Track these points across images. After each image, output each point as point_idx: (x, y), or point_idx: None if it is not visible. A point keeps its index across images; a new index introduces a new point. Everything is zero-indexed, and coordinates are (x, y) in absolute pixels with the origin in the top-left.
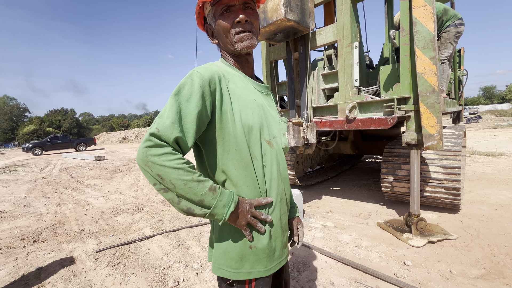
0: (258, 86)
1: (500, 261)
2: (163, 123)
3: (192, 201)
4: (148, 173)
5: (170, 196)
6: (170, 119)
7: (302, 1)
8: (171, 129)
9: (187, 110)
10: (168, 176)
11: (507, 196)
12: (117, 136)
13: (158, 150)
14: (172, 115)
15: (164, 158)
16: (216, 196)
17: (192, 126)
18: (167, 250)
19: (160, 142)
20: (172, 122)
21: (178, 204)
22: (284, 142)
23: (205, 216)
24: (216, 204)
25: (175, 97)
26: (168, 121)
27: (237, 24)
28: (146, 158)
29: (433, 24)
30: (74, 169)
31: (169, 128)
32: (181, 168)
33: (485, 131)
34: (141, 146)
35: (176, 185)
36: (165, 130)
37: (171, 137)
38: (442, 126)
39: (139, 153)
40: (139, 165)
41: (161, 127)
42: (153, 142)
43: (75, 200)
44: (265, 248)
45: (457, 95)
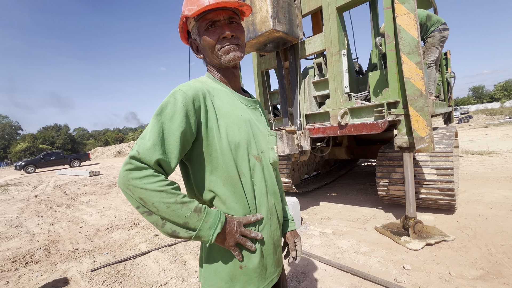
0: (245, 100)
1: (497, 260)
2: (144, 145)
3: (176, 223)
4: (130, 196)
5: (154, 219)
6: (151, 140)
7: (290, 12)
8: (152, 151)
9: (170, 130)
10: (150, 199)
11: (501, 194)
12: (112, 150)
13: (139, 173)
14: (153, 136)
15: (146, 181)
16: (202, 217)
17: (176, 146)
18: (164, 266)
19: (141, 165)
20: (153, 143)
21: (163, 227)
22: (272, 157)
23: (191, 239)
24: (202, 226)
25: (157, 117)
26: (149, 143)
27: (223, 40)
28: (127, 182)
29: (417, 30)
30: (68, 186)
31: (150, 150)
32: (163, 191)
33: (476, 130)
34: (122, 169)
35: (159, 208)
36: (146, 153)
37: (152, 160)
38: (432, 128)
39: (120, 177)
40: (121, 188)
41: (141, 149)
42: (133, 165)
43: (69, 218)
44: (256, 267)
45: (446, 96)
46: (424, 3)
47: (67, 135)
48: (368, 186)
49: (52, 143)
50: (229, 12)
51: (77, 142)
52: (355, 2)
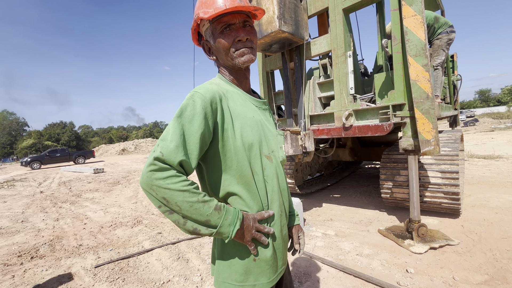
0: (256, 101)
1: (503, 266)
2: (167, 146)
3: (198, 221)
4: (153, 196)
5: (176, 217)
6: (174, 142)
7: (296, 13)
8: (175, 153)
9: (190, 132)
10: (173, 199)
11: (507, 199)
12: (116, 148)
13: (163, 173)
14: (176, 138)
15: (169, 181)
16: (222, 215)
17: (196, 147)
18: (167, 264)
19: (165, 166)
20: (176, 145)
21: (184, 225)
22: (281, 155)
23: (211, 235)
24: (222, 223)
25: (178, 119)
26: (172, 145)
27: (238, 43)
28: (151, 182)
29: (424, 32)
30: (73, 183)
31: (174, 152)
32: (186, 190)
33: (482, 134)
34: (145, 170)
35: (182, 207)
36: (170, 154)
37: (176, 161)
38: (438, 131)
39: (143, 177)
40: (144, 188)
41: (165, 151)
42: (157, 166)
43: (74, 214)
44: (268, 260)
45: (452, 99)
46: (432, 4)
47: (72, 132)
48: (371, 188)
49: (58, 140)
50: (243, 15)
51: (82, 140)
52: (362, 4)
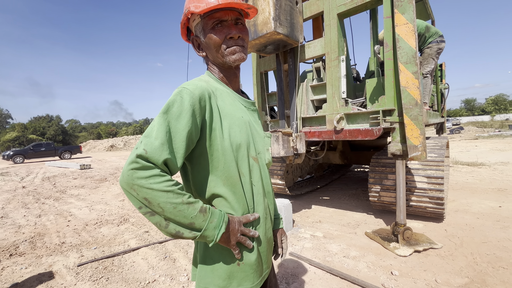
0: (245, 102)
1: (482, 269)
2: (152, 143)
3: (181, 224)
4: (133, 196)
5: (157, 220)
6: (159, 139)
7: (292, 15)
8: (160, 151)
9: (176, 129)
10: (156, 200)
11: (488, 205)
12: (104, 144)
13: (145, 172)
14: (161, 135)
15: (152, 180)
16: (207, 218)
17: (182, 146)
18: (153, 263)
19: (148, 164)
20: (161, 143)
21: (166, 227)
22: (267, 158)
23: (195, 239)
24: (207, 226)
25: (164, 116)
26: (157, 142)
27: (230, 40)
28: (132, 181)
29: (415, 41)
30: (58, 178)
31: (158, 150)
32: (170, 191)
33: (467, 141)
34: (126, 168)
35: (165, 208)
36: (154, 152)
37: (160, 159)
38: (425, 137)
39: (123, 175)
40: (123, 188)
41: (149, 148)
42: (140, 164)
43: (57, 211)
44: (253, 264)
45: (440, 107)
46: (423, 14)
47: (58, 126)
48: (360, 191)
49: (43, 134)
50: (236, 13)
51: (68, 134)
52: (356, 10)
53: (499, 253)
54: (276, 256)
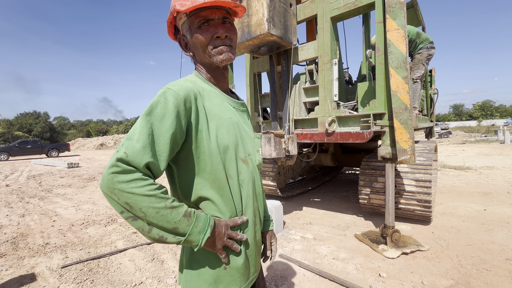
0: (234, 102)
1: (467, 271)
2: (133, 146)
3: (164, 229)
4: (114, 201)
5: (140, 224)
6: (141, 142)
7: (285, 17)
8: (141, 154)
9: (160, 132)
10: (138, 204)
11: (474, 208)
12: (94, 142)
13: (126, 176)
14: (143, 137)
15: (133, 184)
16: (191, 222)
17: (166, 148)
18: (140, 265)
19: (129, 168)
20: (143, 145)
21: (149, 232)
22: (258, 159)
23: (179, 243)
24: (192, 230)
25: (147, 117)
26: (138, 145)
27: (216, 40)
28: (113, 186)
29: (405, 46)
30: (44, 177)
31: (140, 153)
32: (152, 195)
33: (455, 146)
34: (106, 171)
35: (147, 213)
36: (135, 155)
37: (142, 163)
38: (414, 141)
39: (103, 180)
40: (104, 192)
41: (130, 151)
42: (120, 168)
43: (42, 211)
44: (240, 268)
45: (429, 112)
46: (414, 20)
47: (46, 123)
48: (350, 193)
49: (30, 131)
50: (223, 11)
51: (56, 132)
52: (349, 14)
53: (483, 255)
54: (265, 259)
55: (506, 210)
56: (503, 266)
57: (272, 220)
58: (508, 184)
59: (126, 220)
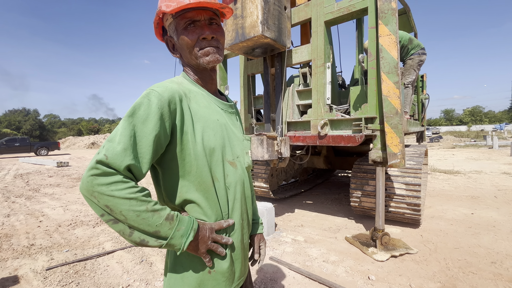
0: (222, 104)
1: (453, 274)
2: (114, 149)
3: (146, 232)
4: (94, 203)
5: (121, 227)
6: (122, 144)
7: (280, 20)
8: (122, 156)
9: (142, 134)
10: (118, 208)
11: (462, 212)
12: (85, 141)
13: (106, 178)
14: (124, 139)
15: (114, 187)
16: (174, 225)
17: (148, 151)
18: (128, 267)
19: (109, 170)
20: (124, 148)
21: (130, 236)
22: (247, 161)
23: (161, 247)
24: (174, 234)
25: (129, 119)
26: (119, 147)
27: (203, 41)
28: (92, 188)
29: (397, 52)
30: (32, 176)
31: (120, 155)
32: (133, 198)
33: (445, 150)
34: (86, 174)
35: (128, 216)
36: (115, 157)
37: (122, 165)
38: (404, 145)
39: (83, 182)
40: (84, 194)
41: (110, 153)
42: (100, 170)
43: (28, 211)
44: (225, 272)
45: (420, 116)
46: (406, 27)
47: (36, 121)
48: (342, 196)
49: (18, 128)
50: (210, 12)
51: (46, 130)
52: (343, 18)
53: (469, 258)
54: (253, 262)
55: (492, 214)
56: (488, 269)
57: (261, 223)
58: (495, 188)
59: (106, 223)
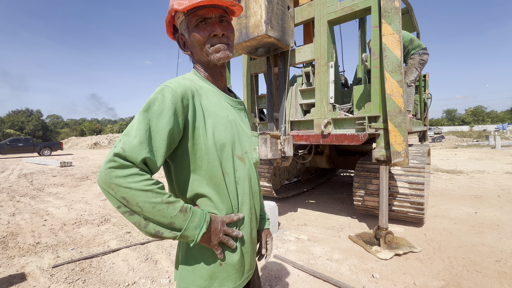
0: (231, 101)
1: (458, 272)
2: (130, 142)
3: (161, 224)
4: (111, 195)
5: (136, 219)
6: (138, 138)
7: (283, 19)
8: (138, 149)
9: (157, 128)
10: (134, 199)
11: (465, 211)
12: (88, 141)
13: (124, 171)
14: (140, 133)
15: (130, 179)
16: (188, 217)
17: (163, 144)
18: (134, 265)
19: (126, 163)
20: (140, 141)
21: (146, 227)
22: (255, 157)
23: (175, 239)
24: (188, 226)
25: (144, 114)
26: (135, 140)
27: (214, 38)
28: (110, 180)
29: (400, 50)
30: (35, 175)
31: (137, 148)
32: (149, 190)
33: (447, 150)
34: (104, 166)
35: (144, 208)
36: (132, 150)
37: (139, 158)
38: (408, 144)
39: (101, 174)
40: (101, 187)
41: (127, 146)
42: (117, 163)
43: (33, 210)
44: (235, 264)
45: (423, 116)
46: (409, 26)
47: (39, 121)
48: (345, 195)
49: (21, 129)
50: (220, 10)
51: (49, 130)
52: (346, 18)
53: (473, 257)
54: (260, 257)
55: (496, 213)
56: (492, 268)
57: (268, 218)
58: (498, 187)
59: (123, 215)
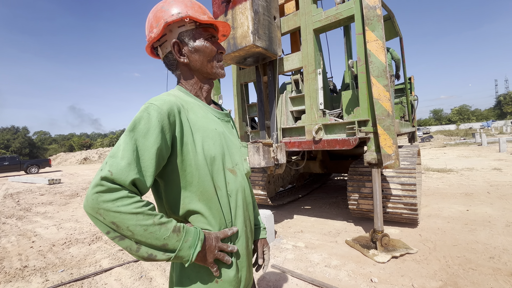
0: (218, 113)
1: (454, 272)
2: (117, 164)
3: (153, 246)
4: (99, 221)
5: (127, 244)
6: (125, 159)
7: (270, 29)
8: (127, 171)
9: (144, 147)
10: (125, 223)
11: (457, 209)
12: (77, 156)
13: (112, 195)
14: (127, 154)
15: (119, 203)
16: (181, 237)
17: (151, 164)
18: (127, 284)
19: (114, 186)
20: (128, 162)
21: (137, 251)
22: (246, 168)
23: (169, 260)
24: (182, 246)
25: (130, 134)
26: (123, 162)
27: (220, 55)
28: (98, 205)
29: (385, 56)
30: (22, 195)
31: (125, 170)
32: (140, 213)
33: (436, 149)
34: (90, 191)
35: (135, 231)
36: (120, 173)
37: (127, 180)
38: (398, 146)
39: (87, 200)
40: (88, 213)
41: (114, 169)
42: (105, 187)
43: (20, 231)
44: (231, 280)
45: (411, 117)
46: (392, 32)
47: (25, 138)
48: (340, 199)
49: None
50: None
51: (36, 147)
52: (331, 26)
53: (468, 255)
54: (257, 268)
55: (487, 209)
56: (487, 265)
57: (264, 228)
58: (487, 184)
59: (112, 240)
